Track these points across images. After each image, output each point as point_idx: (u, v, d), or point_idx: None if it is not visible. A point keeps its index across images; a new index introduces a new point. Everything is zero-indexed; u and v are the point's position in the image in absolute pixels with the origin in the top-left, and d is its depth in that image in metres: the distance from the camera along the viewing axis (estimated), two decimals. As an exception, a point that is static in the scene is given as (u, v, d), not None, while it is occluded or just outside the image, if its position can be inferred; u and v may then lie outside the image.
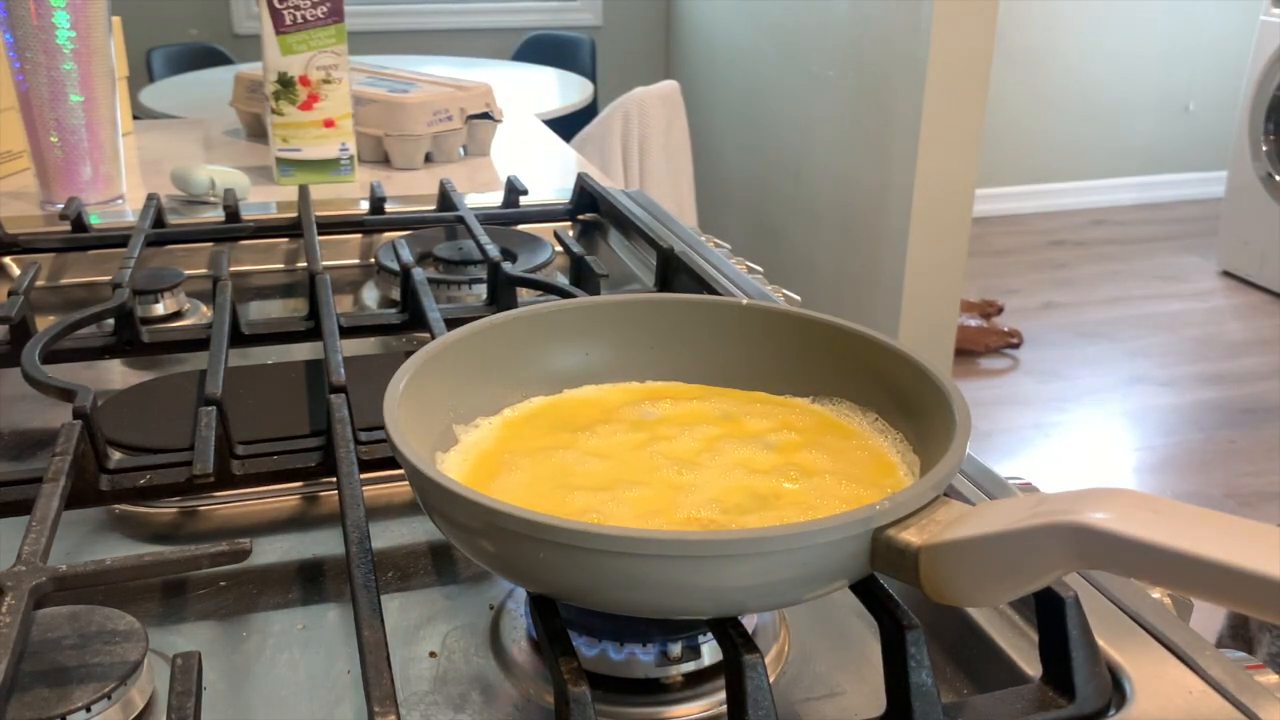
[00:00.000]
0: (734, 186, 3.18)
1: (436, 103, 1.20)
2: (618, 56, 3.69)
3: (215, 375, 0.56)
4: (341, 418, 0.53)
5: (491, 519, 0.35)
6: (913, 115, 2.22)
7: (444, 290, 0.82)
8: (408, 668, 0.44)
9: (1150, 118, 4.29)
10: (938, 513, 0.37)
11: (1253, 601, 0.30)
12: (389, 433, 0.39)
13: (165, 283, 0.79)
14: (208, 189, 1.00)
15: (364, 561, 0.41)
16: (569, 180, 1.02)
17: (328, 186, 1.09)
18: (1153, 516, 0.32)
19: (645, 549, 0.34)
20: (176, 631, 0.46)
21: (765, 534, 0.35)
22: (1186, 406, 2.75)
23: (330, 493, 0.56)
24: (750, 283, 0.77)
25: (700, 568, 0.34)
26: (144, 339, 0.68)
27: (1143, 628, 0.42)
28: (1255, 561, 0.29)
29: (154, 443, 0.56)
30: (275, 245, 0.92)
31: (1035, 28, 3.99)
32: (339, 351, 0.60)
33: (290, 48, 1.05)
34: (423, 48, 3.47)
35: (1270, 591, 0.29)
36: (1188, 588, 0.31)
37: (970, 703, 0.39)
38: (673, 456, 0.45)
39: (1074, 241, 3.96)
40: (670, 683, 0.42)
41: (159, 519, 0.54)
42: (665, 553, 0.34)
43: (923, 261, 2.32)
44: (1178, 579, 0.31)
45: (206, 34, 3.42)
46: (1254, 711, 0.38)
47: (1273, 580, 0.29)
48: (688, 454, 0.45)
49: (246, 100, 1.30)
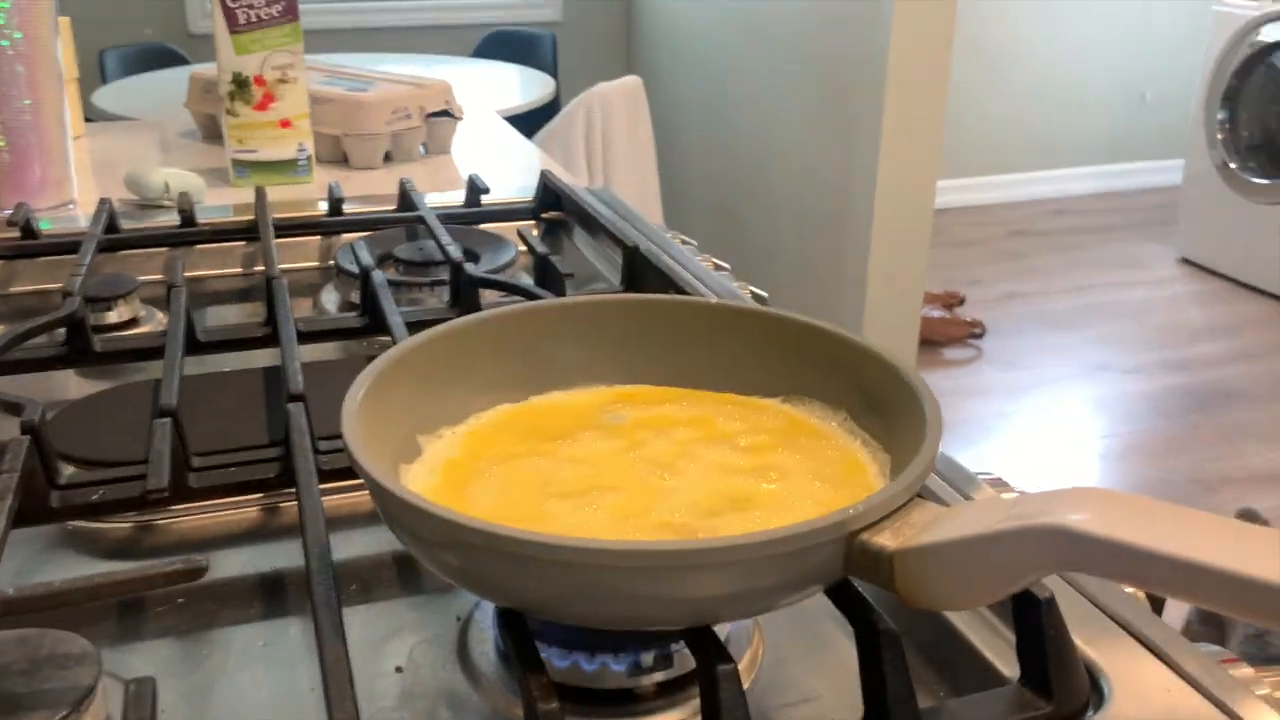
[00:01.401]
0: (699, 182, 3.18)
1: (395, 101, 1.18)
2: (579, 52, 3.68)
3: (170, 385, 0.55)
4: (300, 427, 0.51)
5: (456, 533, 0.34)
6: (874, 108, 2.23)
7: (405, 293, 0.80)
8: (373, 683, 0.42)
9: (1108, 108, 4.33)
10: (912, 515, 0.36)
11: (1230, 602, 0.29)
12: (348, 445, 0.38)
13: (118, 290, 0.77)
14: (162, 192, 0.98)
15: (325, 577, 0.40)
16: (532, 178, 1.01)
17: (285, 188, 1.07)
18: (1130, 517, 0.31)
19: (616, 560, 0.33)
20: (133, 652, 0.44)
21: (737, 542, 0.34)
22: (1149, 393, 2.78)
23: (291, 502, 0.55)
24: (718, 280, 0.77)
25: (672, 578, 0.33)
26: (96, 348, 0.67)
27: (1119, 624, 0.42)
28: (1233, 562, 0.29)
29: (107, 456, 0.54)
30: (232, 249, 0.91)
31: (994, 20, 4.02)
32: (297, 358, 0.58)
33: (244, 47, 1.03)
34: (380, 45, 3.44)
35: (1247, 591, 0.29)
36: (1166, 589, 0.31)
37: (948, 706, 0.38)
38: (648, 461, 0.44)
39: (1035, 231, 3.99)
40: (643, 693, 0.41)
41: (113, 535, 0.53)
42: (636, 564, 0.33)
43: (886, 253, 2.33)
44: (1156, 580, 0.30)
45: (161, 34, 3.37)
46: (1230, 707, 0.38)
47: (1251, 580, 0.29)
48: (662, 458, 0.44)
49: (201, 101, 1.27)
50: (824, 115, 2.45)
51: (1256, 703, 0.38)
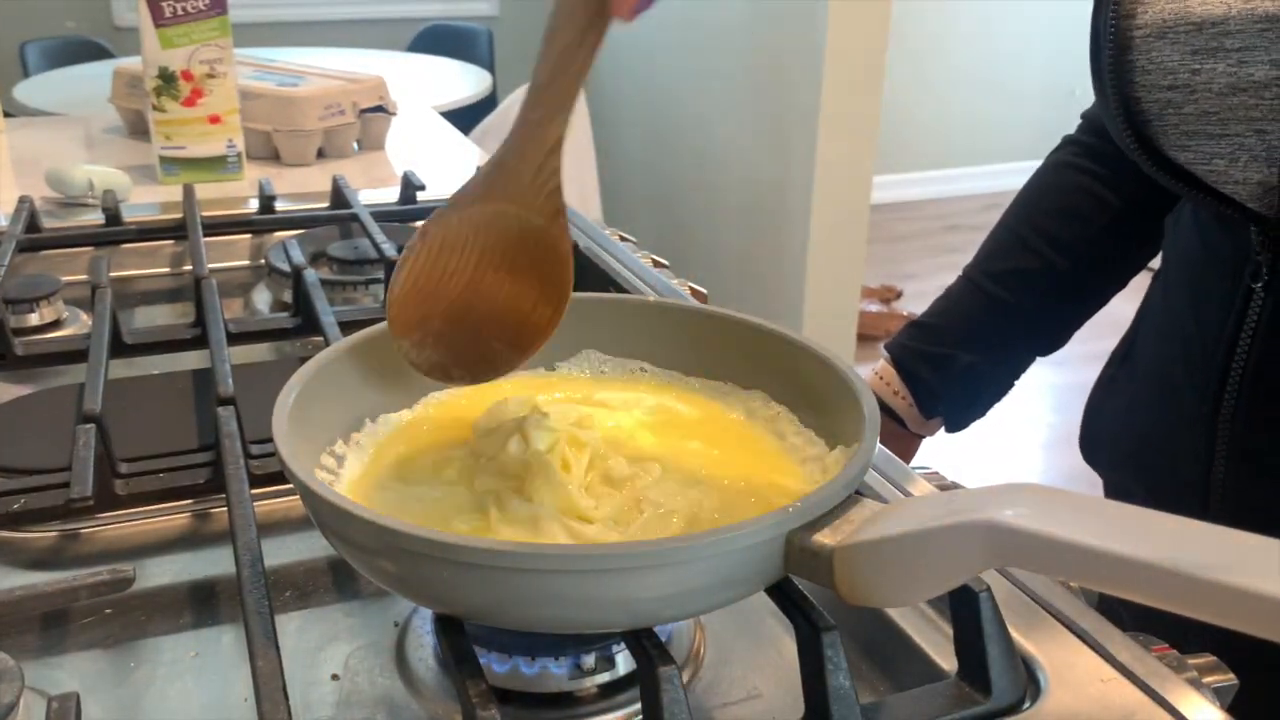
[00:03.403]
0: (637, 178, 3.17)
1: (328, 96, 1.16)
2: (516, 47, 3.65)
3: (94, 389, 0.53)
4: (230, 431, 0.50)
5: (388, 538, 0.33)
6: (811, 105, 2.24)
7: (339, 292, 0.79)
8: (308, 692, 0.42)
9: (1037, 103, 4.41)
10: (851, 512, 0.36)
11: (1160, 595, 0.30)
12: (279, 450, 0.37)
13: (40, 291, 0.75)
14: (86, 190, 0.95)
15: (256, 586, 0.39)
16: (468, 174, 0.99)
17: (214, 185, 1.05)
18: (1063, 512, 0.32)
19: (553, 564, 0.32)
20: (57, 665, 0.43)
21: (676, 543, 0.34)
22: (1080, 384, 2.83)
23: (222, 509, 0.53)
24: (657, 277, 0.76)
25: (611, 580, 0.33)
26: (17, 351, 0.65)
27: (1053, 616, 0.43)
28: (1162, 556, 0.29)
29: (29, 463, 0.52)
30: (159, 248, 0.88)
31: (928, 18, 4.07)
32: (227, 360, 0.57)
33: (171, 41, 1.01)
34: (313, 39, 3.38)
35: (1174, 584, 0.29)
36: (1099, 582, 0.31)
37: (888, 702, 0.38)
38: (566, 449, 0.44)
39: (968, 226, 4.05)
40: (584, 695, 0.41)
41: (37, 544, 0.51)
42: (574, 567, 0.33)
43: (824, 249, 2.34)
44: (1089, 574, 0.31)
45: (85, 26, 3.28)
46: (1163, 696, 0.39)
47: (1177, 573, 0.29)
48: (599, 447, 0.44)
49: (127, 96, 1.24)
50: (761, 112, 2.46)
51: (1186, 690, 0.39)
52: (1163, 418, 0.67)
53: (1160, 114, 0.58)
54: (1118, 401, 0.74)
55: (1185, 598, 0.29)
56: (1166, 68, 0.56)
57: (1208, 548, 0.30)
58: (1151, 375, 0.69)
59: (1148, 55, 0.57)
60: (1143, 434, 0.69)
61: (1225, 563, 0.28)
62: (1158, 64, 0.56)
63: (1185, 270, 0.66)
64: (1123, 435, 0.72)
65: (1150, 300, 0.72)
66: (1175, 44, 0.55)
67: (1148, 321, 0.72)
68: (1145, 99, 0.58)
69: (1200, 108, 0.55)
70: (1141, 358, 0.71)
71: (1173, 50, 0.55)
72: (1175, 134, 0.57)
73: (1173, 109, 0.57)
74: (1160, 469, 0.67)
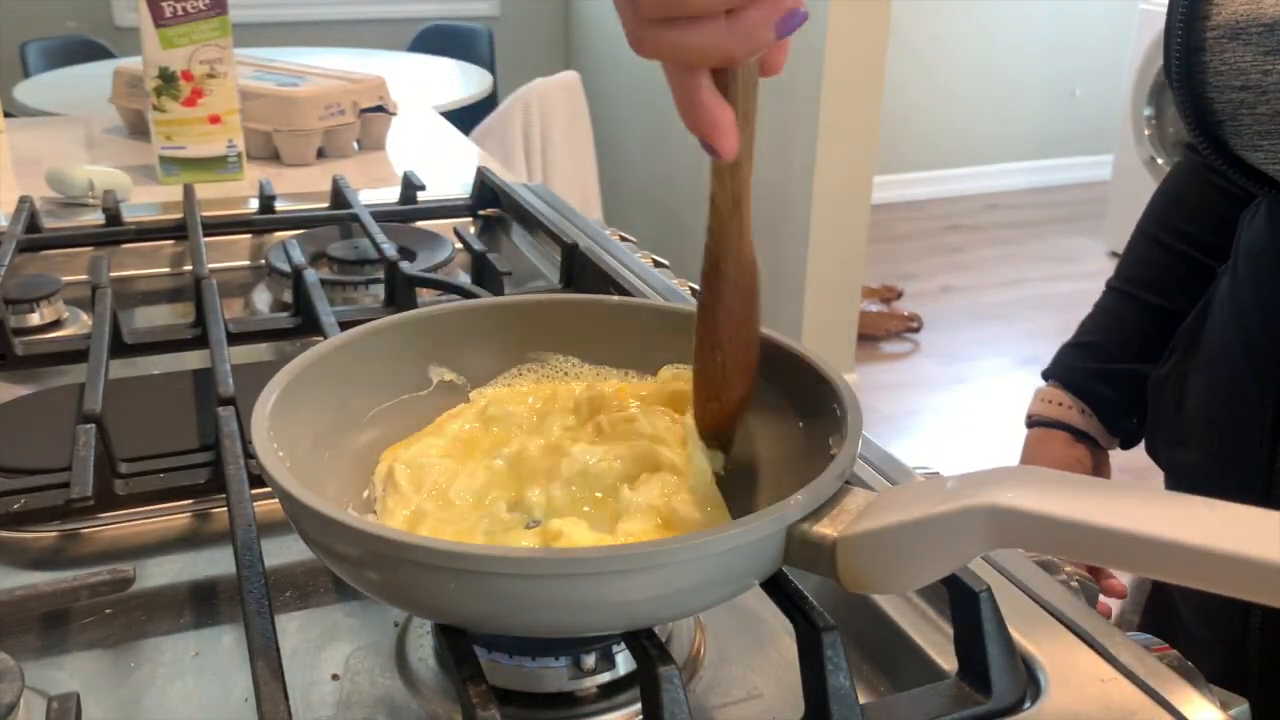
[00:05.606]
0: (638, 178, 3.17)
1: (328, 96, 1.16)
2: (517, 47, 3.65)
3: (95, 389, 0.53)
4: (230, 431, 0.50)
5: (374, 546, 0.33)
6: (811, 105, 2.24)
7: (339, 292, 0.79)
8: (309, 692, 0.42)
9: (1038, 104, 4.41)
10: (845, 501, 0.37)
11: (1158, 567, 0.30)
12: (258, 452, 0.37)
13: (40, 291, 0.75)
14: (86, 190, 0.95)
15: (256, 586, 0.39)
16: (468, 174, 1.00)
17: (215, 185, 1.05)
18: (1061, 492, 0.32)
19: (548, 569, 0.32)
20: (58, 666, 0.43)
21: (677, 543, 0.34)
22: (1080, 384, 2.83)
23: (222, 509, 0.53)
24: (657, 277, 0.76)
25: (607, 584, 0.33)
26: (18, 351, 0.65)
27: (1053, 616, 0.43)
28: (1160, 529, 0.30)
29: (30, 463, 0.52)
30: (159, 248, 0.88)
31: (928, 18, 4.06)
32: (227, 360, 0.57)
33: (171, 41, 1.01)
34: (313, 40, 3.38)
35: (1173, 556, 0.30)
36: (1099, 558, 0.32)
37: (888, 702, 0.38)
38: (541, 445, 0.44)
39: (969, 226, 4.05)
40: (584, 695, 0.41)
41: (38, 544, 0.51)
42: (567, 571, 0.32)
43: (824, 249, 2.34)
44: (1089, 551, 0.32)
45: (86, 26, 3.28)
46: (1163, 696, 0.39)
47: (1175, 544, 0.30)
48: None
49: (127, 96, 1.24)
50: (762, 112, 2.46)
51: (1187, 690, 0.39)
52: (1226, 406, 0.67)
53: (1234, 114, 0.58)
54: (1180, 391, 0.74)
55: (1181, 568, 0.30)
56: (1239, 68, 0.56)
57: (1208, 519, 0.30)
58: (1216, 363, 0.69)
59: (1220, 56, 0.57)
60: (1208, 421, 0.70)
61: (1226, 532, 0.29)
62: (1230, 65, 0.57)
63: (1252, 262, 0.66)
64: (1187, 424, 0.72)
65: (1217, 290, 0.72)
66: (1248, 44, 0.55)
67: (1213, 311, 0.72)
68: (1218, 100, 0.58)
69: (1273, 108, 0.55)
70: (1206, 347, 0.71)
71: (1245, 51, 0.55)
72: (1248, 134, 0.57)
73: (1245, 109, 0.57)
74: (1225, 458, 0.68)
